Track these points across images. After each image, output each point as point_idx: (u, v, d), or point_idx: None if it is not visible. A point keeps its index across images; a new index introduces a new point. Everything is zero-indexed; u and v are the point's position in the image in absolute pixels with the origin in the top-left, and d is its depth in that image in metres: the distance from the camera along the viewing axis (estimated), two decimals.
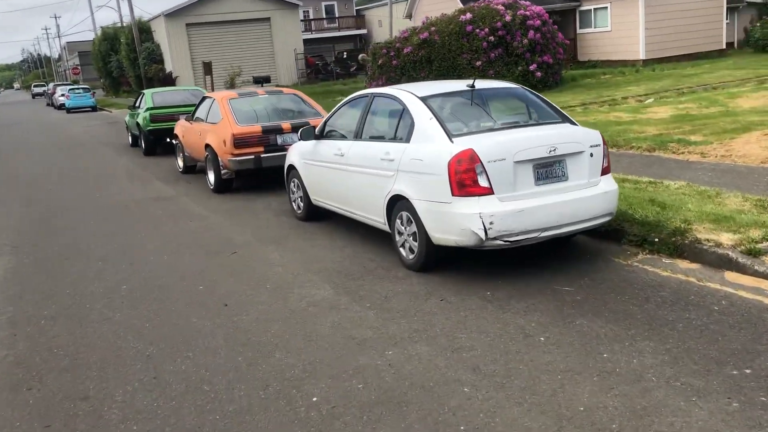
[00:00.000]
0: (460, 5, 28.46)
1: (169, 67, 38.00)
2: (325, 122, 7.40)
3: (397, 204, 5.89)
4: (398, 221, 5.92)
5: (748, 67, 22.12)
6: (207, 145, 10.36)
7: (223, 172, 10.06)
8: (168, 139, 15.24)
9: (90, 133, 23.68)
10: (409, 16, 32.61)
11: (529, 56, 19.79)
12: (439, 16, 20.96)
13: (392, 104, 6.27)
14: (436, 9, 30.58)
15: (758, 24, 29.40)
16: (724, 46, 28.87)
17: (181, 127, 12.32)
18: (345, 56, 47.64)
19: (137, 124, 15.71)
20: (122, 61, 43.74)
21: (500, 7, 19.84)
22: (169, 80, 36.47)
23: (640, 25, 26.42)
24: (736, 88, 16.15)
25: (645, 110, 13.67)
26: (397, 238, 5.98)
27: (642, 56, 26.72)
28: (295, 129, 9.86)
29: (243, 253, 6.88)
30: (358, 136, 6.62)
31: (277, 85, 30.34)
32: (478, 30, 19.37)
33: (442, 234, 5.41)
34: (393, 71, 19.85)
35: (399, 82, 19.84)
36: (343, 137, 7.01)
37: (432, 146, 5.51)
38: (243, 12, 38.43)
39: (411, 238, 5.78)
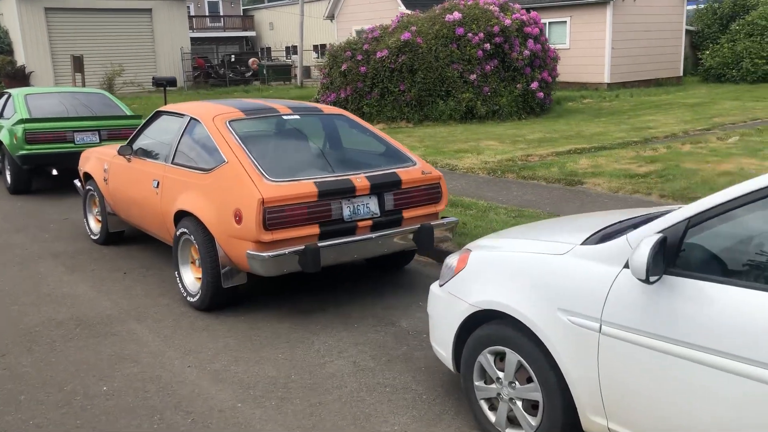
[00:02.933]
0: (401, 7, 24.14)
1: (21, 59, 30.53)
2: (721, 209, 2.54)
3: None
4: None
5: (741, 98, 19.41)
6: (183, 215, 5.11)
7: (225, 272, 4.85)
8: (56, 172, 9.55)
9: None
10: (332, 17, 27.77)
11: (529, 72, 15.69)
12: (411, 13, 16.40)
13: None
14: (366, 11, 26.07)
15: (707, 52, 27.35)
16: (681, 74, 26.55)
17: (97, 161, 6.84)
18: (233, 60, 42.08)
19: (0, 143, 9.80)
20: None
21: (494, 8, 15.60)
22: (20, 76, 29.11)
23: (606, 44, 23.30)
24: None
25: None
26: None
27: (607, 80, 23.61)
28: (375, 188, 4.93)
29: None
30: None
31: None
32: (470, 34, 14.99)
33: None
34: (361, 80, 14.97)
35: (369, 95, 15.04)
36: None
37: None
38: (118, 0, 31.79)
39: None
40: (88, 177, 7.06)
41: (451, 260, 3.57)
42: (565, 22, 24.42)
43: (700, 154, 10.03)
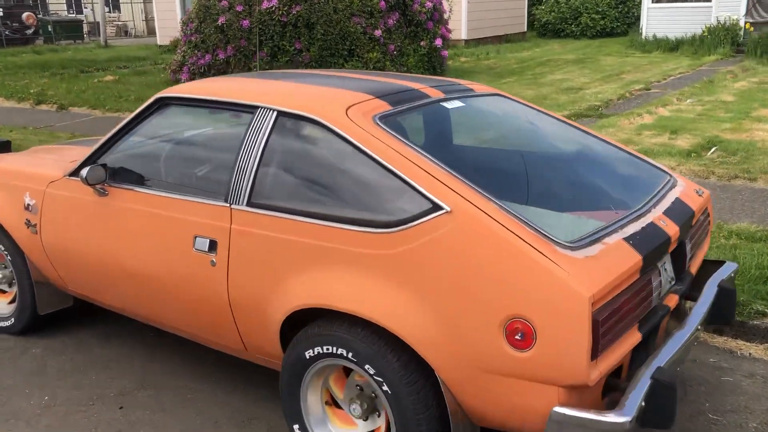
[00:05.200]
0: None
1: None
2: None
3: None
4: None
5: (610, 53, 19.18)
6: (313, 314, 2.44)
7: None
8: None
9: None
10: None
11: (432, 27, 13.71)
12: None
13: None
14: None
15: (542, 8, 27.23)
16: (526, 29, 26.19)
17: (1, 190, 3.72)
18: (1, 14, 35.32)
19: None
20: None
21: None
22: None
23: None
24: (739, 82, 12.36)
25: (752, 120, 8.81)
26: None
27: (464, 36, 22.44)
28: (681, 234, 2.68)
29: None
30: None
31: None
32: None
33: None
34: (245, 37, 11.95)
35: (256, 55, 12.12)
36: None
37: None
38: None
39: None
40: None
41: None
42: None
43: (693, 119, 8.81)
